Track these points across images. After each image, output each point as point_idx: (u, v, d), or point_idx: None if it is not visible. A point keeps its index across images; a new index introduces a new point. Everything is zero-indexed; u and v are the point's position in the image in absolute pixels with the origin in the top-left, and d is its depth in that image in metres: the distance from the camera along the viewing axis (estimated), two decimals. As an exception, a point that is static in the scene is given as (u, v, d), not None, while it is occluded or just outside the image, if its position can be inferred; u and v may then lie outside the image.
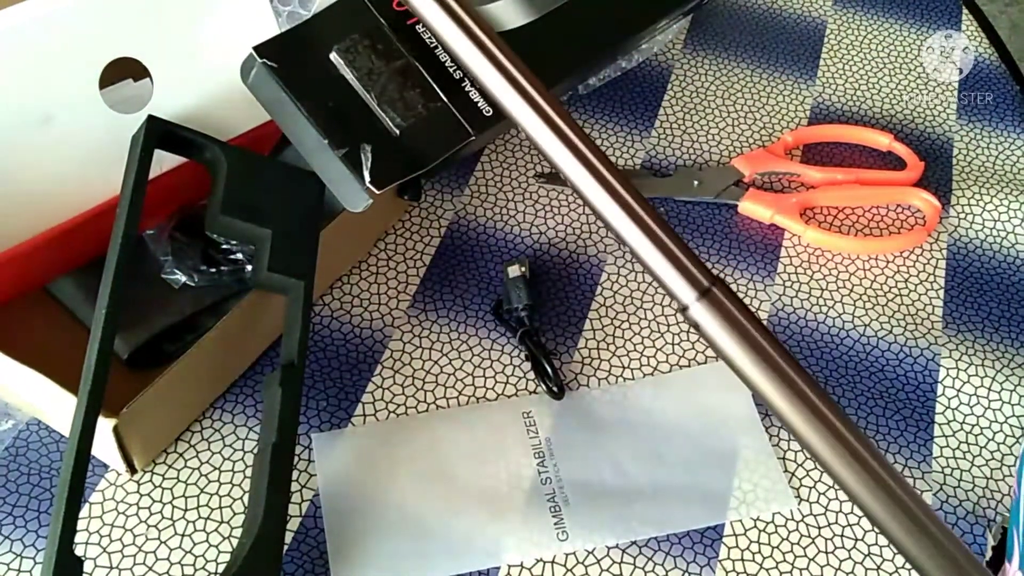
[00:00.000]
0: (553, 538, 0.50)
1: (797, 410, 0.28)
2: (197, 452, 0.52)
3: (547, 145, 0.28)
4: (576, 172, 0.27)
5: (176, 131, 0.52)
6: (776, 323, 0.60)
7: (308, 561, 0.49)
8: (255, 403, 0.54)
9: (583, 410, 0.55)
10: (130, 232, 0.48)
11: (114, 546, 0.49)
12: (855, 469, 0.27)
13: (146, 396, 0.48)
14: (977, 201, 0.67)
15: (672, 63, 0.76)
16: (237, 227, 0.51)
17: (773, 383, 0.28)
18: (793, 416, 0.28)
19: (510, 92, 0.27)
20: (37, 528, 0.49)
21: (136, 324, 0.53)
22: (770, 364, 0.28)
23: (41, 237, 0.52)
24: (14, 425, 0.53)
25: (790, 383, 0.28)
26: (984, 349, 0.59)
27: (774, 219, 0.65)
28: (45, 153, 0.52)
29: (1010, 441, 0.55)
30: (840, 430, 0.28)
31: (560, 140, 0.27)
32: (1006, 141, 0.72)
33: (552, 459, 0.53)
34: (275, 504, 0.46)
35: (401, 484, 0.51)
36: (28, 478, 0.51)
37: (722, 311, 0.28)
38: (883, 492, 0.27)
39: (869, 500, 0.27)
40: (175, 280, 0.55)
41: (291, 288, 0.51)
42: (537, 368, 0.56)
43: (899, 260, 0.64)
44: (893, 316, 0.61)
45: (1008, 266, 0.64)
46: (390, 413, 0.55)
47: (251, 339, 0.56)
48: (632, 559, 0.50)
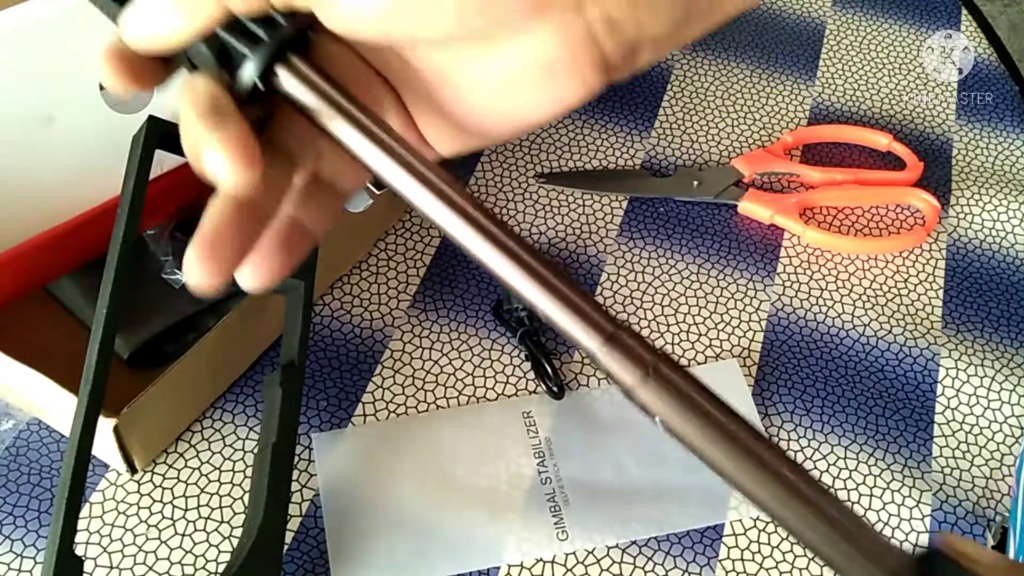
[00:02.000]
0: (553, 538, 0.50)
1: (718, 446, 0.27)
2: (197, 452, 0.52)
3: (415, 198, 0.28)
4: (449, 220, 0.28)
5: (177, 131, 0.52)
6: (775, 323, 0.60)
7: (308, 561, 0.49)
8: (255, 403, 0.54)
9: (583, 410, 0.55)
10: (130, 232, 0.48)
11: (114, 546, 0.49)
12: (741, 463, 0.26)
13: (146, 396, 0.48)
14: (976, 201, 0.67)
15: (672, 63, 0.76)
16: (237, 227, 0.51)
17: (708, 438, 0.27)
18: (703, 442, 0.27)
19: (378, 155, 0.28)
20: (37, 528, 0.49)
21: (136, 324, 0.53)
22: (712, 421, 0.28)
23: (42, 237, 0.52)
24: (14, 425, 0.53)
25: (721, 428, 0.27)
26: (983, 349, 0.59)
27: (774, 219, 0.65)
28: (46, 153, 0.52)
29: (1009, 441, 0.55)
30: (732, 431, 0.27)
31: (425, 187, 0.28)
32: (1005, 141, 0.72)
33: (552, 459, 0.53)
34: (275, 504, 0.46)
35: (401, 484, 0.51)
36: (28, 478, 0.51)
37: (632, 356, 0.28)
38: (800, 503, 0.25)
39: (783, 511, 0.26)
40: (175, 280, 0.55)
41: (291, 288, 0.51)
42: (537, 368, 0.56)
43: (898, 260, 0.64)
44: (892, 316, 0.61)
45: (1007, 266, 0.64)
46: (390, 413, 0.55)
47: (251, 339, 0.56)
48: (632, 559, 0.50)
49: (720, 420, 0.26)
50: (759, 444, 0.26)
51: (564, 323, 0.27)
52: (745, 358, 0.58)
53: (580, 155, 0.69)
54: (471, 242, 0.27)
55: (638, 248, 0.64)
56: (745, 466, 0.26)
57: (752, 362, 0.58)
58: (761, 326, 0.60)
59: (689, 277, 0.62)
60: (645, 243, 0.64)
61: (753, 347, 0.59)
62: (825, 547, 0.25)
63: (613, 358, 0.27)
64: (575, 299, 0.27)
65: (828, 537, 0.25)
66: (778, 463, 0.25)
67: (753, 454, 0.26)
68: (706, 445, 0.26)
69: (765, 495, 0.25)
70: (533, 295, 0.27)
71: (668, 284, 0.62)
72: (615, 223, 0.65)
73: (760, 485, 0.25)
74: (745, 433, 0.26)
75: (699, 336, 0.59)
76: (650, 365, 0.26)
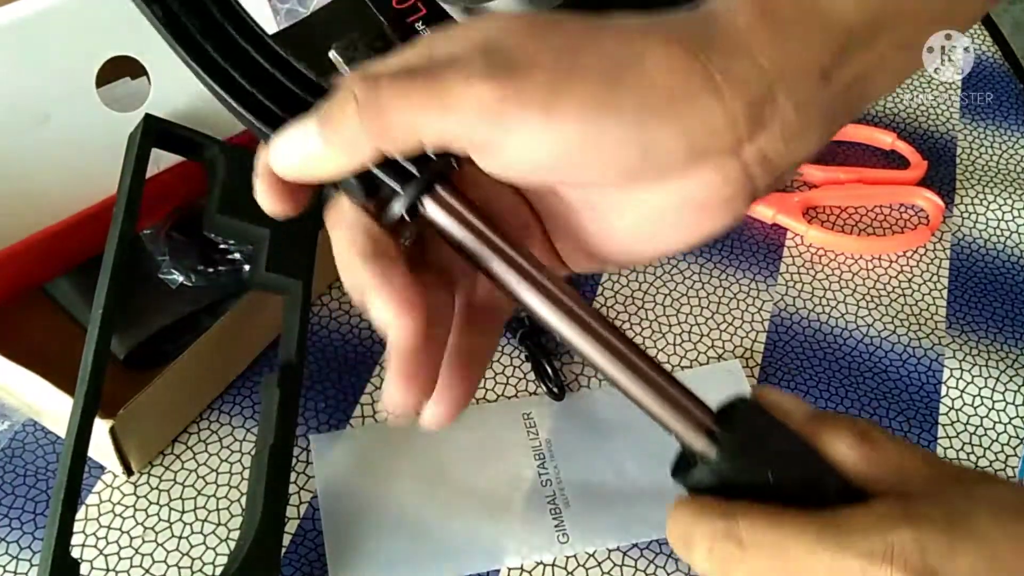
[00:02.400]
0: (553, 540, 0.49)
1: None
2: (194, 453, 0.52)
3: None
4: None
5: (173, 130, 0.52)
6: (779, 323, 0.60)
7: (306, 563, 0.48)
8: (253, 404, 0.54)
9: (584, 411, 0.55)
10: (127, 232, 0.48)
11: (111, 548, 0.48)
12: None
13: (143, 397, 0.48)
14: (981, 200, 0.67)
15: (673, 61, 0.75)
16: (235, 226, 0.51)
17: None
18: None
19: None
20: (33, 530, 0.49)
21: (133, 324, 0.53)
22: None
23: (38, 236, 0.52)
24: (10, 426, 0.52)
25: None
26: (988, 349, 0.59)
27: (776, 219, 0.65)
28: (42, 152, 0.51)
29: (1014, 442, 0.55)
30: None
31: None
32: (1009, 140, 0.71)
33: (552, 460, 0.52)
34: (273, 506, 0.46)
35: (400, 486, 0.51)
36: (24, 480, 0.51)
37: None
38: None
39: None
40: (172, 280, 0.54)
41: (289, 288, 0.51)
42: (538, 369, 0.56)
43: (902, 260, 0.63)
44: (896, 316, 0.60)
45: (1012, 265, 0.64)
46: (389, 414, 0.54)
47: (249, 339, 0.55)
48: (633, 561, 0.49)
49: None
50: (606, 328, 0.29)
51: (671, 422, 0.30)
52: (748, 359, 0.58)
53: (581, 154, 0.68)
54: (619, 378, 0.29)
55: (639, 248, 0.63)
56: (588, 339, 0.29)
57: (755, 363, 0.58)
58: (764, 326, 0.59)
59: (691, 277, 0.62)
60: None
61: (756, 348, 0.58)
62: (645, 400, 0.29)
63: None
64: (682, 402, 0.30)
65: (645, 391, 0.29)
66: (614, 338, 0.29)
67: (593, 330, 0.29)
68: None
69: (596, 357, 0.29)
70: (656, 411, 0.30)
71: (670, 284, 0.61)
72: (616, 222, 0.64)
73: (594, 351, 0.29)
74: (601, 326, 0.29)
75: (701, 337, 0.59)
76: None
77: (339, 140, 0.27)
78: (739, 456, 0.28)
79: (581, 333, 0.29)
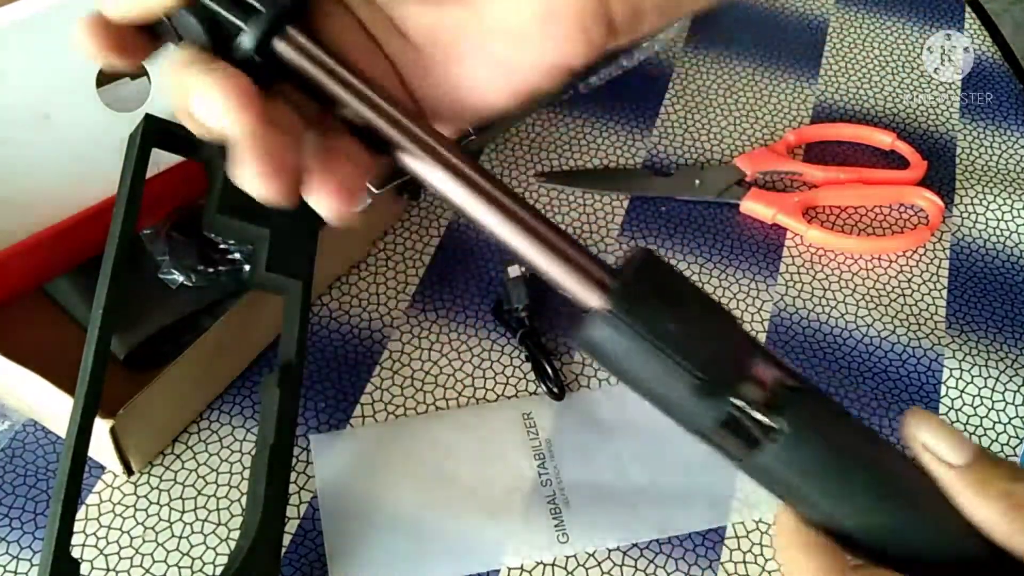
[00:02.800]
0: (553, 540, 0.49)
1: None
2: (195, 453, 0.52)
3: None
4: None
5: (173, 130, 0.52)
6: (778, 323, 0.60)
7: (306, 563, 0.48)
8: (253, 404, 0.54)
9: (584, 411, 0.55)
10: (127, 232, 0.48)
11: (111, 548, 0.48)
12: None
13: (143, 397, 0.48)
14: (980, 200, 0.67)
15: (673, 61, 0.76)
16: (235, 226, 0.51)
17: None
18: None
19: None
20: (33, 530, 0.49)
21: (133, 324, 0.53)
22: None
23: (37, 237, 0.52)
24: (10, 426, 0.52)
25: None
26: (988, 349, 0.59)
27: (776, 219, 0.65)
28: (41, 152, 0.51)
29: (1014, 442, 0.55)
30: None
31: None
32: (1009, 140, 0.71)
33: (552, 460, 0.52)
34: (273, 506, 0.46)
35: (400, 486, 0.51)
36: (24, 480, 0.51)
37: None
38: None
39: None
40: (172, 280, 0.54)
41: (289, 288, 0.51)
42: (537, 369, 0.56)
43: (902, 260, 0.63)
44: (896, 316, 0.60)
45: (1012, 266, 0.64)
46: (389, 414, 0.54)
47: (249, 340, 0.55)
48: (633, 561, 0.49)
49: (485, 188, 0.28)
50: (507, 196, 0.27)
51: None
52: (747, 359, 0.58)
53: (581, 154, 0.68)
54: (505, 232, 0.27)
55: (639, 248, 0.63)
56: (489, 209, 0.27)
57: (754, 363, 0.57)
58: (763, 326, 0.59)
59: (691, 277, 0.62)
60: (646, 243, 0.63)
61: (755, 347, 0.58)
62: (534, 256, 0.27)
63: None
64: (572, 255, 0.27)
65: (534, 247, 0.27)
66: (512, 203, 0.27)
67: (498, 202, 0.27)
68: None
69: (495, 224, 0.27)
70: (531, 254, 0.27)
71: (670, 284, 0.61)
72: (616, 223, 0.64)
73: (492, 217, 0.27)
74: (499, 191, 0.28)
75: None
76: None
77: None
78: (631, 304, 0.26)
79: (462, 184, 0.27)
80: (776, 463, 0.27)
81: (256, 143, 0.26)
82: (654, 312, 0.26)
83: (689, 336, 0.26)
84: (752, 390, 0.27)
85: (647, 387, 0.27)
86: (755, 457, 0.27)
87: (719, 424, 0.27)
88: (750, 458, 0.27)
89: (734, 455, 0.28)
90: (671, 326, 0.26)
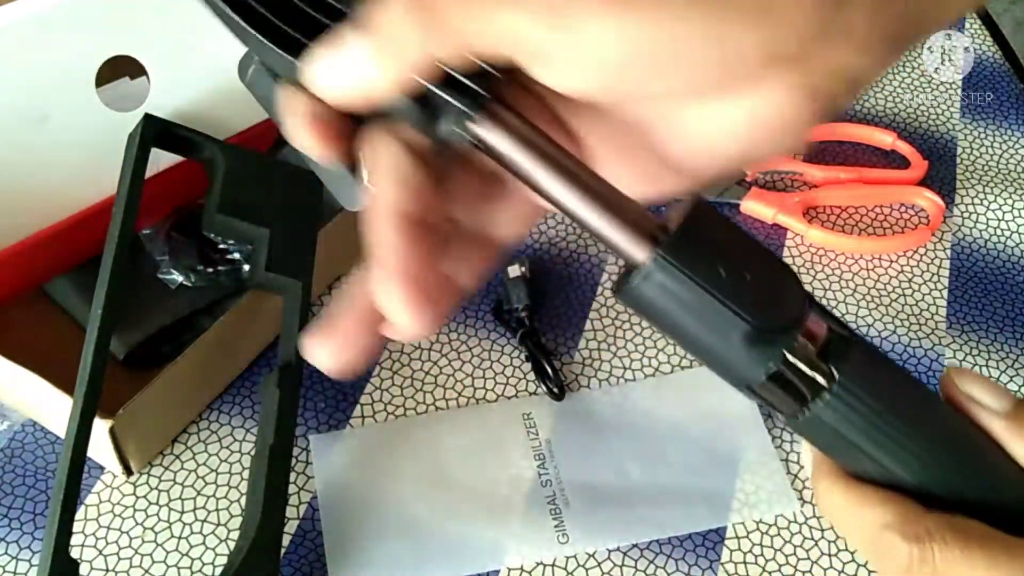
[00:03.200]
0: (553, 540, 0.49)
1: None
2: (194, 454, 0.52)
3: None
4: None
5: (173, 129, 0.52)
6: (778, 323, 0.60)
7: (306, 564, 0.48)
8: (252, 404, 0.54)
9: (584, 411, 0.55)
10: (126, 232, 0.48)
11: (110, 549, 0.48)
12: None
13: (142, 397, 0.48)
14: (981, 200, 0.67)
15: (673, 61, 0.75)
16: (234, 226, 0.51)
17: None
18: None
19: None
20: (33, 530, 0.49)
21: (132, 324, 0.53)
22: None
23: (37, 236, 0.52)
24: (9, 426, 0.52)
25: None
26: (988, 349, 0.59)
27: (777, 218, 0.65)
28: (41, 152, 0.51)
29: (1015, 442, 0.55)
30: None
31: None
32: (1010, 140, 0.71)
33: (552, 461, 0.52)
34: (272, 506, 0.46)
35: (400, 486, 0.51)
36: (24, 480, 0.51)
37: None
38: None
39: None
40: (172, 280, 0.54)
41: (289, 288, 0.51)
42: (537, 369, 0.56)
43: (903, 260, 0.63)
44: (897, 316, 0.60)
45: (1012, 265, 0.63)
46: (389, 415, 0.54)
47: (248, 340, 0.55)
48: (633, 562, 0.49)
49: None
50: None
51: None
52: (747, 359, 0.58)
53: (581, 154, 0.68)
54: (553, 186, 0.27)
55: (639, 248, 0.63)
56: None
57: (755, 363, 0.57)
58: (764, 326, 0.59)
59: (691, 277, 0.62)
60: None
61: (756, 347, 0.58)
62: (580, 209, 0.26)
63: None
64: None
65: (581, 199, 0.26)
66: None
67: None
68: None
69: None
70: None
71: (670, 284, 0.61)
72: (616, 222, 0.64)
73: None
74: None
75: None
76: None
77: (391, 48, 0.25)
78: (685, 251, 0.25)
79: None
80: (834, 416, 0.27)
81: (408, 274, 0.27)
82: (707, 259, 0.26)
83: (743, 283, 0.26)
84: (805, 342, 0.26)
85: (697, 339, 0.27)
86: (809, 410, 0.27)
87: (770, 375, 0.27)
88: (803, 412, 0.27)
89: (785, 409, 0.27)
90: (724, 273, 0.25)
